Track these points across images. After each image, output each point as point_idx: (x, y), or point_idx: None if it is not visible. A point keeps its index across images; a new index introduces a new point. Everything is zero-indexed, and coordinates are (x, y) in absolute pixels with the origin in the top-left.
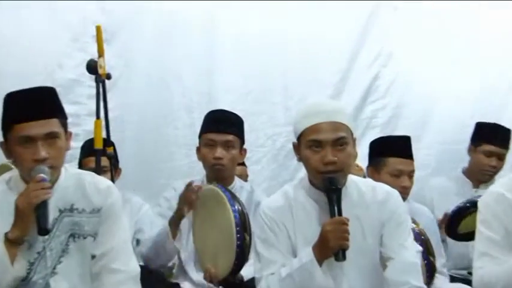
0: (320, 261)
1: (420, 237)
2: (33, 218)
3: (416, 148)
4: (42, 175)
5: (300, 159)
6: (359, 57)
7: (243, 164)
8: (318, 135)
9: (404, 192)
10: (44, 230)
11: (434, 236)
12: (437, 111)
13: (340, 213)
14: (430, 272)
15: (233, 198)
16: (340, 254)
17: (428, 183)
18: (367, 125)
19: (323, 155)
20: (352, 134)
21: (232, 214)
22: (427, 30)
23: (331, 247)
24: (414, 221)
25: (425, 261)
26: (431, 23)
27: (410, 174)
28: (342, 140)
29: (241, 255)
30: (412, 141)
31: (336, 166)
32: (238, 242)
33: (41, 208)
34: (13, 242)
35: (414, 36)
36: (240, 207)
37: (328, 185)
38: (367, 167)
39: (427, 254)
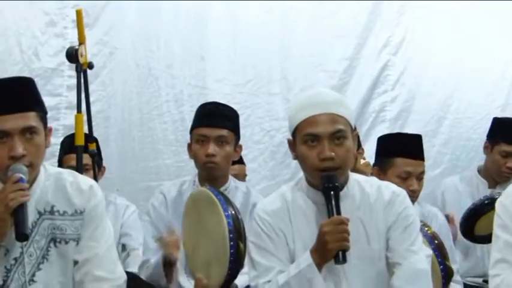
0: (319, 266)
1: (433, 242)
2: (10, 222)
3: (429, 145)
4: (19, 175)
5: (296, 157)
6: (367, 44)
7: (240, 161)
8: (314, 128)
9: (413, 196)
10: (22, 235)
11: (447, 240)
12: (453, 104)
13: (338, 213)
14: (446, 278)
15: (227, 202)
16: (340, 256)
17: (441, 183)
18: (375, 119)
19: (320, 151)
20: (351, 128)
21: (226, 220)
22: (441, 15)
23: (330, 249)
24: (426, 224)
25: (441, 267)
26: (445, 6)
27: (420, 176)
28: (340, 133)
29: (235, 264)
30: (425, 137)
31: (334, 162)
32: (231, 251)
33: (19, 212)
34: None
35: (427, 21)
36: (234, 212)
37: (325, 183)
38: (373, 166)
39: (443, 258)
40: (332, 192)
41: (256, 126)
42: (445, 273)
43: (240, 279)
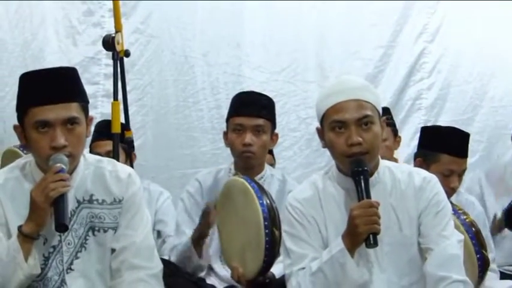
0: (351, 251)
1: (471, 230)
2: (50, 212)
3: None
4: (60, 165)
5: (325, 144)
6: (403, 32)
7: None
8: (341, 114)
9: (452, 193)
10: (62, 226)
11: (484, 229)
12: (489, 92)
13: (368, 196)
14: (482, 267)
15: (261, 191)
16: (370, 239)
17: (476, 172)
18: (411, 107)
19: (347, 137)
20: (379, 114)
21: (260, 208)
22: (477, 2)
23: (360, 233)
24: (465, 212)
25: (478, 256)
26: None
27: (462, 173)
28: (367, 118)
29: (271, 252)
30: (461, 125)
31: (362, 148)
32: (267, 239)
33: (59, 202)
34: (28, 237)
35: (463, 9)
36: (268, 201)
37: (354, 167)
38: (415, 157)
39: (480, 247)
40: (361, 176)
41: (292, 114)
42: (482, 262)
43: (276, 268)
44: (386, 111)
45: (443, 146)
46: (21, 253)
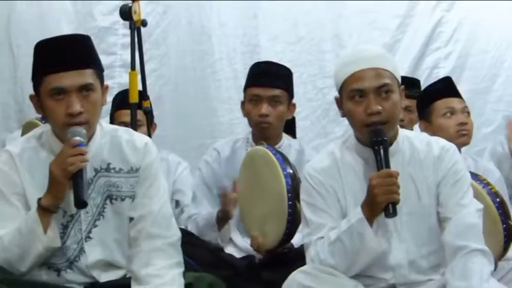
0: (370, 220)
1: (496, 200)
2: (68, 185)
3: (482, 102)
4: (79, 138)
5: (344, 114)
6: (420, 1)
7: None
8: (359, 83)
9: (465, 130)
10: (81, 203)
11: (504, 195)
12: (507, 61)
13: (387, 166)
14: (508, 237)
15: (284, 160)
16: (390, 208)
17: (494, 141)
18: (429, 76)
19: (366, 105)
20: (398, 82)
21: (284, 180)
22: None
23: (379, 202)
24: (489, 183)
25: (504, 226)
26: None
27: (465, 110)
28: (386, 87)
29: (293, 224)
30: (478, 94)
31: (381, 117)
32: (290, 210)
33: (78, 177)
34: (47, 210)
35: None
36: (292, 171)
37: (373, 137)
38: (419, 122)
39: (505, 217)
40: (380, 146)
41: (308, 84)
42: (508, 232)
43: (295, 238)
44: (416, 84)
45: (432, 95)
46: (40, 225)
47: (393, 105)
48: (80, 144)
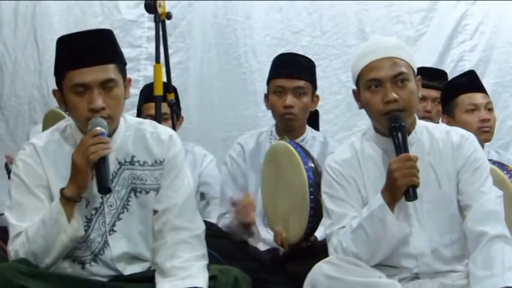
0: (391, 205)
1: None
2: (91, 174)
3: (507, 95)
4: (99, 128)
5: (362, 106)
6: None
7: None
8: (376, 73)
9: (487, 127)
10: (105, 189)
11: None
12: None
13: (406, 150)
14: None
15: (306, 155)
16: (410, 192)
17: None
18: (454, 69)
19: (383, 94)
20: (414, 72)
21: (306, 174)
22: None
23: (399, 186)
24: None
25: None
26: None
27: (488, 107)
28: (402, 75)
29: (315, 218)
30: (504, 86)
31: (398, 105)
32: (311, 204)
33: (101, 165)
34: (70, 200)
35: None
36: (313, 165)
37: (392, 122)
38: (442, 117)
39: None
40: (399, 132)
41: (333, 77)
42: None
43: (318, 231)
44: (444, 76)
45: (456, 89)
46: (64, 215)
47: (410, 94)
48: (101, 134)
